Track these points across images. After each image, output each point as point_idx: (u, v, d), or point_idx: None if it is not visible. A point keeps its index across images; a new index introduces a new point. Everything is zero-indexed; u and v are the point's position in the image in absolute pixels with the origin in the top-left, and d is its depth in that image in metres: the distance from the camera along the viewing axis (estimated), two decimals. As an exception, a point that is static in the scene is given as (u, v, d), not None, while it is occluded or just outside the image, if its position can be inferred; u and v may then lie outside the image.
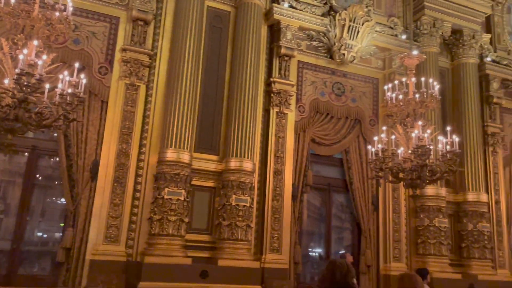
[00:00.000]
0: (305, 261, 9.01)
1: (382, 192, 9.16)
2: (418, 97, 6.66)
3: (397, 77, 8.81)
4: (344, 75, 9.51)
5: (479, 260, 9.06)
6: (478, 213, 9.30)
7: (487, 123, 10.29)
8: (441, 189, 9.07)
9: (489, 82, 10.48)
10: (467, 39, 10.20)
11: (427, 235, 8.81)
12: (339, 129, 9.23)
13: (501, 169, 10.23)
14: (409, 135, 6.70)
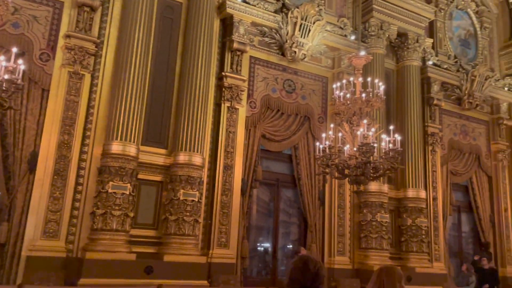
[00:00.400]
0: (253, 255, 9.08)
1: (329, 188, 9.41)
2: (364, 96, 6.86)
3: (346, 76, 9.07)
4: (295, 72, 9.64)
5: (417, 254, 9.55)
6: (417, 209, 9.79)
7: (428, 123, 10.82)
8: (384, 185, 9.45)
9: (431, 84, 11.03)
10: (412, 43, 10.66)
11: (370, 229, 9.16)
12: (289, 125, 9.35)
13: (439, 167, 10.81)
14: (355, 133, 6.89)
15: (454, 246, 11.37)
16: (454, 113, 11.63)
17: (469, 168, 11.59)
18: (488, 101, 12.15)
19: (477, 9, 12.53)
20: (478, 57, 12.23)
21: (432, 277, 9.39)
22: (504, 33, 13.10)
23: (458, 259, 11.24)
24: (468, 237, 11.71)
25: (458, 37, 12.20)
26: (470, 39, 12.36)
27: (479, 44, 12.36)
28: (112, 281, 6.29)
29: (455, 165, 11.34)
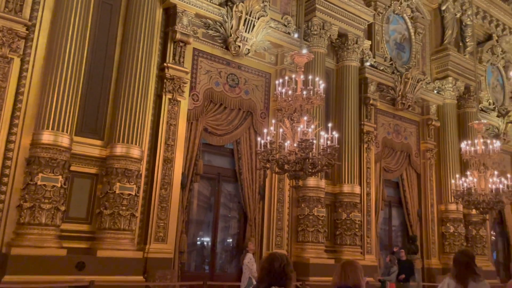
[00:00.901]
0: (192, 249, 9.00)
1: (269, 183, 9.54)
2: (305, 94, 7.01)
3: (288, 73, 9.22)
4: (239, 67, 9.64)
5: (350, 246, 9.97)
6: (352, 204, 10.21)
7: (364, 122, 11.29)
8: (321, 181, 9.74)
9: (367, 85, 11.51)
10: (351, 44, 11.06)
11: (307, 223, 9.43)
12: (231, 120, 9.35)
13: (373, 164, 11.34)
14: (295, 129, 7.03)
15: (385, 239, 12.00)
16: (388, 113, 12.24)
17: (400, 166, 12.26)
18: (419, 103, 12.90)
19: (412, 15, 13.23)
20: (412, 60, 12.94)
21: (364, 269, 9.80)
22: (435, 39, 13.96)
23: (388, 251, 11.88)
24: (398, 231, 12.41)
25: (394, 41, 12.83)
26: (405, 43, 13.05)
27: (413, 48, 13.07)
28: (40, 278, 5.96)
29: (387, 162, 11.95)
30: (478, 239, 12.62)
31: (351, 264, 3.14)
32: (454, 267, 4.07)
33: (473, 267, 3.96)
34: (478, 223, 12.63)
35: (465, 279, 3.85)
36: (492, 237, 14.06)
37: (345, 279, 3.01)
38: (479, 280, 3.86)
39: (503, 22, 15.68)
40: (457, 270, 3.97)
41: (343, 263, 3.15)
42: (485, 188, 9.20)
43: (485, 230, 12.88)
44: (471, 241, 12.57)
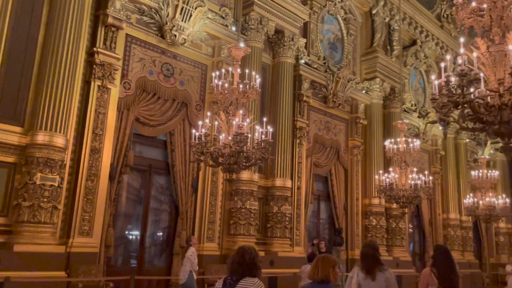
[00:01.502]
0: (119, 243, 8.67)
1: (202, 176, 9.45)
2: (242, 87, 7.01)
3: (225, 66, 9.17)
4: (174, 56, 9.40)
5: (280, 239, 10.20)
6: (283, 197, 10.44)
7: (297, 118, 11.56)
8: (254, 174, 9.85)
9: (301, 82, 11.79)
10: (287, 40, 11.25)
11: (239, 216, 9.49)
12: (165, 110, 9.11)
13: (304, 159, 11.66)
14: (231, 122, 7.02)
15: (313, 231, 12.44)
16: (320, 110, 12.65)
17: (329, 161, 12.74)
18: (349, 102, 13.48)
19: (345, 16, 13.75)
20: (343, 60, 13.46)
21: (292, 260, 10.12)
22: (366, 41, 14.64)
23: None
24: (325, 223, 12.91)
25: (328, 40, 13.25)
26: (338, 43, 13.54)
27: (345, 48, 13.60)
28: None
29: (318, 157, 12.36)
30: (397, 231, 13.51)
31: (323, 259, 3.38)
32: (361, 259, 4.36)
33: (378, 258, 4.28)
34: (398, 217, 13.52)
35: (372, 269, 4.14)
36: (409, 230, 15.12)
37: (316, 274, 3.28)
38: (384, 270, 4.19)
39: (427, 29, 16.82)
40: (364, 262, 4.25)
41: (318, 258, 3.43)
42: (405, 184, 9.84)
43: (404, 223, 13.82)
44: (391, 233, 13.43)
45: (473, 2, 4.36)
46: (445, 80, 4.14)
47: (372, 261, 4.26)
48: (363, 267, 4.28)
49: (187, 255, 7.86)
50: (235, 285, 2.88)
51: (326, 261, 3.34)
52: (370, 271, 4.20)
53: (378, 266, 4.21)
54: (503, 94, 3.96)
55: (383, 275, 4.14)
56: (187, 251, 7.94)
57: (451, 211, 16.56)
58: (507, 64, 4.05)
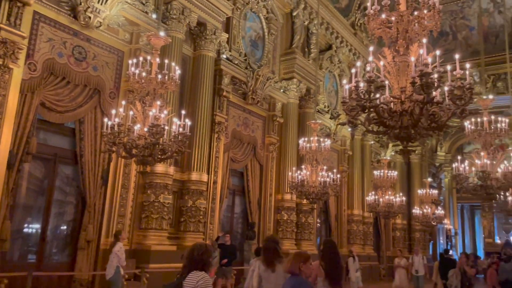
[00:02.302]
0: (17, 237, 7.98)
1: (114, 167, 9.04)
2: (160, 77, 6.84)
3: (143, 54, 8.84)
4: (88, 40, 8.86)
5: (193, 233, 10.14)
6: (199, 191, 10.38)
7: (216, 112, 11.55)
8: (170, 167, 9.66)
9: (222, 76, 11.79)
10: (209, 34, 11.17)
11: (152, 210, 9.25)
12: (75, 96, 8.56)
13: (221, 154, 11.70)
14: (147, 113, 6.81)
15: (227, 226, 12.55)
16: (239, 106, 12.78)
17: (246, 157, 12.94)
18: (267, 99, 13.79)
19: (267, 15, 14.02)
20: (264, 59, 13.73)
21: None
22: (286, 42, 15.07)
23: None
24: (239, 218, 13.11)
25: (249, 37, 13.41)
26: (259, 41, 13.77)
27: (265, 47, 13.87)
28: None
29: (235, 153, 12.49)
30: (306, 226, 14.15)
31: (295, 255, 3.75)
32: (263, 253, 4.64)
33: (279, 251, 4.61)
34: (307, 212, 14.16)
35: (272, 262, 4.45)
36: (317, 224, 15.93)
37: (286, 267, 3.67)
38: (283, 262, 4.46)
39: (342, 35, 17.79)
40: (266, 255, 4.53)
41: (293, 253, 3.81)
42: (315, 181, 10.34)
43: (312, 218, 14.52)
44: (301, 228, 14.03)
45: (383, 14, 4.70)
46: (354, 85, 4.41)
47: (272, 254, 4.54)
48: (264, 260, 4.54)
49: (114, 250, 7.67)
50: (184, 278, 3.27)
51: (297, 256, 3.69)
52: (270, 264, 4.47)
53: (278, 259, 4.50)
54: (404, 101, 4.33)
55: (281, 266, 4.40)
56: (115, 246, 7.74)
57: (355, 208, 17.77)
58: (409, 74, 4.43)
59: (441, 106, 4.31)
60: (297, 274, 3.60)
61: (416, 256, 12.47)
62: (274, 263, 4.48)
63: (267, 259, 4.53)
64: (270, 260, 4.52)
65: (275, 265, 4.48)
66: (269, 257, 4.55)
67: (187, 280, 3.27)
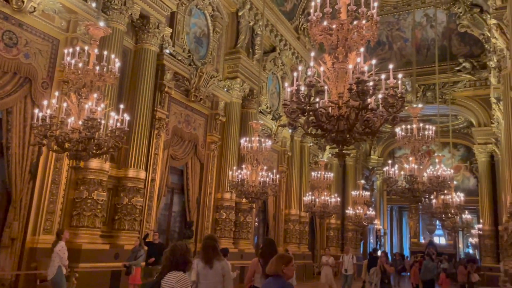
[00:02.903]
0: None
1: (44, 161, 8.55)
2: (98, 69, 6.57)
3: (80, 44, 8.45)
4: (20, 25, 8.30)
5: (128, 232, 9.84)
6: (135, 189, 10.09)
7: (157, 108, 11.29)
8: (105, 163, 9.30)
9: (164, 72, 11.55)
10: (152, 27, 10.90)
11: (84, 207, 8.85)
12: (3, 84, 8.02)
13: (161, 151, 11.46)
14: (82, 105, 6.51)
15: (164, 224, 12.32)
16: (181, 103, 12.59)
17: (187, 154, 12.78)
18: (210, 98, 13.71)
19: (213, 13, 13.94)
20: (208, 56, 13.64)
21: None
22: (230, 41, 15.08)
23: (164, 235, 12.24)
24: (177, 216, 12.91)
25: (194, 34, 13.26)
26: (204, 38, 13.66)
27: (210, 45, 13.78)
28: None
29: (175, 150, 12.29)
30: (244, 225, 14.26)
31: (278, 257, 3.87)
32: (202, 250, 4.83)
33: (217, 249, 4.81)
34: (246, 211, 14.28)
35: (211, 259, 4.63)
36: (255, 223, 16.11)
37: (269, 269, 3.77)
38: (221, 259, 4.75)
39: (286, 39, 18.12)
40: (204, 253, 4.71)
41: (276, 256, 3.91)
42: (255, 181, 10.45)
43: (251, 217, 14.66)
44: (239, 227, 14.12)
45: (325, 21, 4.85)
46: (296, 88, 4.52)
47: (211, 252, 4.73)
48: (203, 257, 4.72)
49: (56, 250, 7.33)
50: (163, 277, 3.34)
51: (280, 259, 3.82)
52: (208, 261, 4.64)
53: (216, 256, 4.70)
54: (341, 107, 4.50)
55: (219, 263, 4.66)
56: (56, 245, 7.38)
57: (292, 207, 18.19)
58: (346, 80, 4.61)
59: (375, 112, 4.53)
60: (280, 275, 3.72)
61: (346, 255, 12.82)
62: (212, 260, 4.64)
63: (206, 257, 4.68)
64: (209, 257, 4.67)
65: (213, 262, 4.64)
66: (208, 254, 4.71)
67: (165, 279, 3.33)
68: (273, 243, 5.72)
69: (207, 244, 4.85)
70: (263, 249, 5.52)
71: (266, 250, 5.40)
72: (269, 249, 5.39)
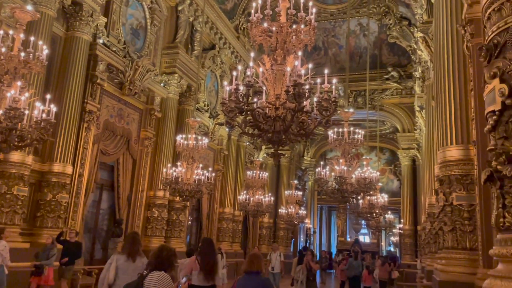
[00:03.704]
0: None
1: (-44, 152, 7.79)
2: (23, 56, 6.13)
3: (4, 27, 7.83)
4: None
5: (51, 229, 9.27)
6: (61, 184, 9.54)
7: (88, 100, 10.76)
8: (28, 156, 8.70)
9: (97, 63, 11.03)
10: (85, 15, 10.37)
11: (2, 203, 8.23)
12: None
13: (90, 145, 10.93)
14: (4, 94, 6.05)
15: (91, 222, 11.77)
16: (115, 96, 12.10)
17: (118, 150, 12.32)
18: (146, 92, 13.33)
19: (151, 5, 13.56)
20: (145, 49, 13.24)
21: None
22: (169, 35, 14.75)
23: (91, 234, 11.70)
24: (106, 214, 12.39)
25: (130, 25, 12.81)
26: (141, 30, 13.24)
27: (147, 38, 13.39)
28: None
29: (106, 145, 11.79)
30: (177, 224, 14.03)
31: (256, 255, 4.46)
32: (126, 245, 5.00)
33: (140, 244, 5.06)
34: (179, 209, 14.06)
35: (134, 254, 4.81)
36: (189, 222, 15.93)
37: (251, 267, 4.30)
38: (143, 256, 4.94)
39: (226, 37, 18.09)
40: (129, 247, 4.88)
41: (251, 255, 4.54)
42: (190, 178, 10.33)
43: (184, 216, 14.46)
44: (171, 225, 13.86)
45: (265, 23, 4.92)
46: (234, 87, 4.53)
47: (137, 246, 4.92)
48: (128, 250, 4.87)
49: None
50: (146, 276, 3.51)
51: (258, 257, 4.44)
52: (132, 254, 4.80)
53: (138, 252, 4.88)
54: (278, 108, 4.59)
55: (141, 260, 4.83)
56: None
57: (227, 206, 18.23)
58: (284, 82, 4.71)
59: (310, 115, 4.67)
60: (260, 272, 4.31)
61: (274, 253, 12.38)
62: (135, 255, 4.80)
63: (131, 249, 4.83)
64: (134, 251, 4.83)
65: (135, 257, 4.80)
66: (134, 247, 4.87)
67: (147, 279, 3.46)
68: (211, 242, 6.06)
69: (134, 238, 5.03)
70: (202, 248, 5.84)
71: (204, 249, 5.75)
72: (207, 248, 5.74)
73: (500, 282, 2.23)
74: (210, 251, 5.71)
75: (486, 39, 2.46)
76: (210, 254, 5.67)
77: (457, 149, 6.15)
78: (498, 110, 2.27)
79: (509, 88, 2.21)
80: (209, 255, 5.64)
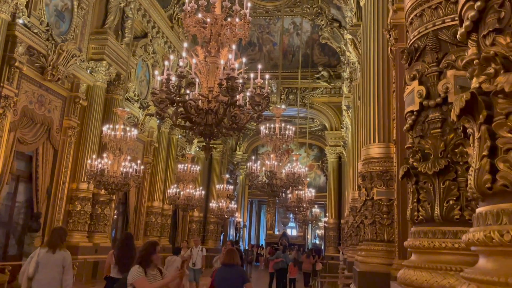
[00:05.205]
0: None
1: None
2: None
3: None
4: None
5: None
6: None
7: (4, 84, 9.89)
8: None
9: (16, 44, 10.17)
10: (3, -9, 9.51)
11: None
12: None
13: (6, 133, 10.07)
14: None
15: (5, 216, 10.88)
16: (35, 81, 11.25)
17: (38, 139, 11.49)
18: (70, 79, 12.55)
19: (79, -13, 12.78)
20: (70, 33, 12.45)
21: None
22: (98, 20, 13.99)
23: (6, 228, 10.85)
24: (22, 207, 11.52)
25: (55, 7, 11.95)
26: (66, 13, 12.42)
27: (73, 21, 12.59)
28: None
29: (24, 133, 10.94)
30: (102, 218, 13.43)
31: (232, 250, 5.06)
32: (51, 237, 5.15)
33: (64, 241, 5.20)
34: (104, 203, 13.46)
35: (55, 247, 4.94)
36: (114, 216, 15.32)
37: (229, 260, 4.87)
38: (65, 250, 5.06)
39: (159, 26, 17.57)
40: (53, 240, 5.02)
41: (228, 250, 5.21)
42: (116, 171, 9.93)
43: (109, 209, 13.87)
44: (95, 219, 13.23)
45: (199, 13, 4.84)
46: (166, 77, 4.41)
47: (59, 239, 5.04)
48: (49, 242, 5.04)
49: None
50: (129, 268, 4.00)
51: (234, 251, 5.05)
52: (53, 246, 4.91)
53: (60, 245, 5.01)
54: (211, 101, 4.54)
55: (62, 253, 4.96)
56: None
57: (155, 200, 17.79)
58: (217, 75, 4.67)
59: (242, 109, 4.68)
60: (236, 264, 4.88)
61: (195, 248, 11.05)
62: (56, 247, 4.91)
63: (53, 241, 4.97)
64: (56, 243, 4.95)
65: (56, 250, 4.89)
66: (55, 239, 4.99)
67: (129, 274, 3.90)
68: (130, 236, 6.33)
69: (58, 231, 5.22)
70: (120, 242, 6.17)
71: (121, 243, 6.05)
72: (124, 242, 6.02)
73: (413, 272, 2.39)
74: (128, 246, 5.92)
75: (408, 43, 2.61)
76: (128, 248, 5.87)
77: (379, 147, 6.51)
78: (416, 110, 2.43)
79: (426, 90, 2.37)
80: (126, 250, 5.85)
